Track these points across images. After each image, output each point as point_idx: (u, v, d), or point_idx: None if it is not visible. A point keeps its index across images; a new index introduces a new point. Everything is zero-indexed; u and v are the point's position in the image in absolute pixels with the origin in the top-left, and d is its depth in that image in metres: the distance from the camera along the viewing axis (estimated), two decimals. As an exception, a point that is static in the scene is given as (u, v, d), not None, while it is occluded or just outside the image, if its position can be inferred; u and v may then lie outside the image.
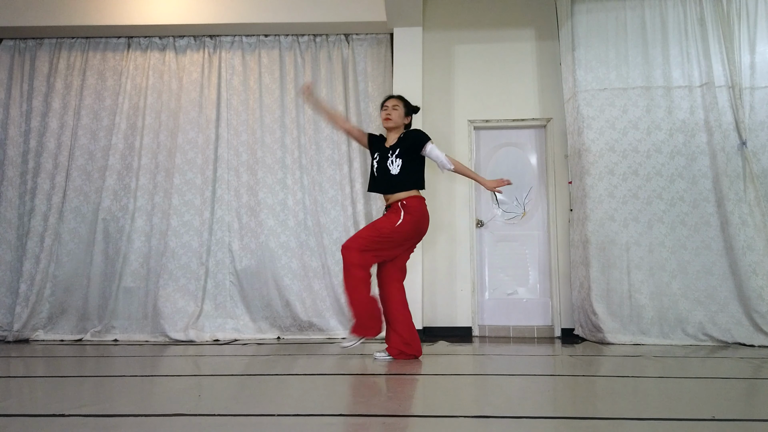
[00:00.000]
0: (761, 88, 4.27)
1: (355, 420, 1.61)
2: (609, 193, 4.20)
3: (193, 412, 1.71)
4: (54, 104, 4.78)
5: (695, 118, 4.26)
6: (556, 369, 2.81)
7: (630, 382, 2.36)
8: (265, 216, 4.57)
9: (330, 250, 4.51)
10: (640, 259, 4.10)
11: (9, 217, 4.65)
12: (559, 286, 4.51)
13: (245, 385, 2.24)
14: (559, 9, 4.64)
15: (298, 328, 4.41)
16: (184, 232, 4.54)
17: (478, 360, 3.16)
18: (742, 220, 4.03)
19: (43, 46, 4.95)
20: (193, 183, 4.62)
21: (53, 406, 1.80)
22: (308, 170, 4.65)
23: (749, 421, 1.64)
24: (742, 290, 3.96)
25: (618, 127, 4.29)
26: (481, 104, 4.78)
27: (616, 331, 4.00)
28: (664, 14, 4.44)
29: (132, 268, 4.49)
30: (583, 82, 4.38)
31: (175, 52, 4.90)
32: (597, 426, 1.56)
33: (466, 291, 4.51)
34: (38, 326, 4.42)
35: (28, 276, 4.50)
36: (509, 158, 4.80)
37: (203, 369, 2.81)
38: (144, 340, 4.28)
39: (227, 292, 4.50)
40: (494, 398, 2.00)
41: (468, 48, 4.88)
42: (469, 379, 2.50)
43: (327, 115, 3.59)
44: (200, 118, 4.75)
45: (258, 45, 4.89)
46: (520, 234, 4.70)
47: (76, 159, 4.70)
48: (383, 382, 2.37)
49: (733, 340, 3.89)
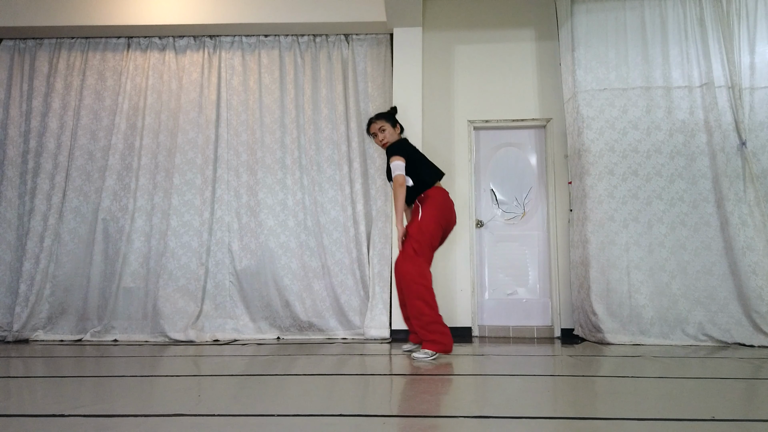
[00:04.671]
0: (761, 88, 4.27)
1: (355, 420, 1.61)
2: (609, 193, 4.20)
3: (193, 412, 1.70)
4: (54, 104, 4.78)
5: (695, 118, 4.26)
6: (556, 369, 2.81)
7: (630, 382, 2.36)
8: (264, 216, 4.57)
9: (330, 250, 4.51)
10: (639, 260, 4.10)
11: (9, 217, 4.65)
12: (558, 286, 4.51)
13: (245, 385, 2.24)
14: (559, 9, 4.64)
15: (298, 329, 4.41)
16: (184, 233, 4.54)
17: (477, 360, 3.16)
18: (741, 221, 4.03)
19: (43, 46, 4.95)
20: (192, 183, 4.63)
21: (53, 406, 1.80)
22: (308, 170, 4.65)
23: (749, 421, 1.64)
24: (741, 290, 3.96)
25: (618, 128, 4.29)
26: (481, 104, 4.78)
27: (616, 331, 4.00)
28: (664, 14, 4.45)
29: (132, 269, 4.49)
30: (583, 83, 4.38)
31: (175, 53, 4.90)
32: (597, 426, 1.56)
33: (466, 291, 4.51)
34: (38, 326, 4.42)
35: (28, 276, 4.50)
36: (509, 158, 4.80)
37: (203, 369, 2.81)
38: (144, 341, 4.28)
39: (227, 292, 4.50)
40: (494, 398, 2.00)
41: (468, 48, 4.88)
42: (469, 379, 2.50)
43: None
44: (200, 119, 4.75)
45: (258, 45, 4.89)
46: (520, 234, 4.70)
47: (76, 159, 4.70)
48: (383, 383, 2.37)
49: (732, 341, 3.90)
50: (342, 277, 4.47)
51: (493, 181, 4.78)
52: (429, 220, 3.11)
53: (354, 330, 4.37)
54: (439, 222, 3.15)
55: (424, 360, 3.03)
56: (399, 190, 3.14)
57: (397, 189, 3.14)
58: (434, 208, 3.13)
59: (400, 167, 3.18)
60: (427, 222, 3.10)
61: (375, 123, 3.41)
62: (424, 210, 3.12)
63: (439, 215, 3.15)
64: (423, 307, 3.04)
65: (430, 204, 3.15)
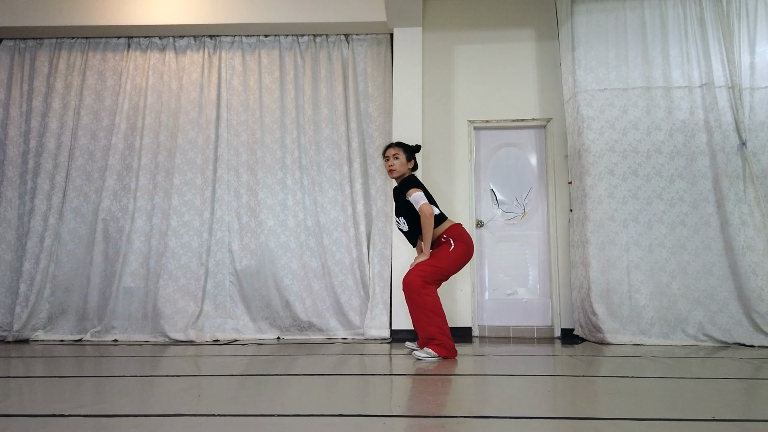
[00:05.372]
0: (761, 88, 4.27)
1: (355, 420, 1.61)
2: (609, 193, 4.20)
3: (193, 412, 1.70)
4: (54, 104, 4.78)
5: (695, 118, 4.26)
6: (556, 369, 2.81)
7: (630, 382, 2.36)
8: (264, 216, 4.57)
9: (330, 250, 4.51)
10: (639, 260, 4.10)
11: (9, 217, 4.65)
12: (559, 286, 4.51)
13: (245, 385, 2.24)
14: (559, 9, 4.65)
15: (298, 329, 4.41)
16: (184, 233, 4.54)
17: (478, 360, 3.16)
18: (741, 221, 4.03)
19: (43, 47, 4.95)
20: (192, 183, 4.62)
21: (53, 406, 1.80)
22: (308, 170, 4.65)
23: (749, 421, 1.64)
24: (741, 290, 3.96)
25: (618, 128, 4.29)
26: (481, 104, 4.78)
27: (616, 331, 4.00)
28: (664, 14, 4.44)
29: (132, 269, 4.49)
30: (583, 83, 4.38)
31: (175, 53, 4.90)
32: (597, 426, 1.56)
33: (466, 291, 4.51)
34: (38, 326, 4.42)
35: (28, 276, 4.50)
36: (509, 158, 4.80)
37: (203, 369, 2.81)
38: (144, 341, 4.28)
39: (227, 292, 4.50)
40: (494, 398, 2.00)
41: (468, 48, 4.88)
42: (469, 379, 2.50)
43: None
44: (200, 119, 4.75)
45: (258, 45, 4.89)
46: (520, 234, 4.70)
47: (76, 159, 4.70)
48: (383, 383, 2.37)
49: (732, 341, 3.89)
50: (342, 277, 4.47)
51: (493, 181, 4.78)
52: (457, 257, 3.24)
53: (354, 330, 4.37)
54: (461, 263, 3.29)
55: (425, 359, 3.03)
56: (429, 220, 3.20)
57: (426, 220, 3.20)
58: (464, 245, 3.26)
59: (421, 197, 3.25)
60: (455, 258, 3.24)
61: (393, 148, 3.46)
62: (456, 248, 3.24)
63: (465, 257, 3.29)
64: (434, 317, 3.13)
65: (460, 245, 3.25)
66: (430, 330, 3.11)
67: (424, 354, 3.08)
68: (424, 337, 3.16)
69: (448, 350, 3.11)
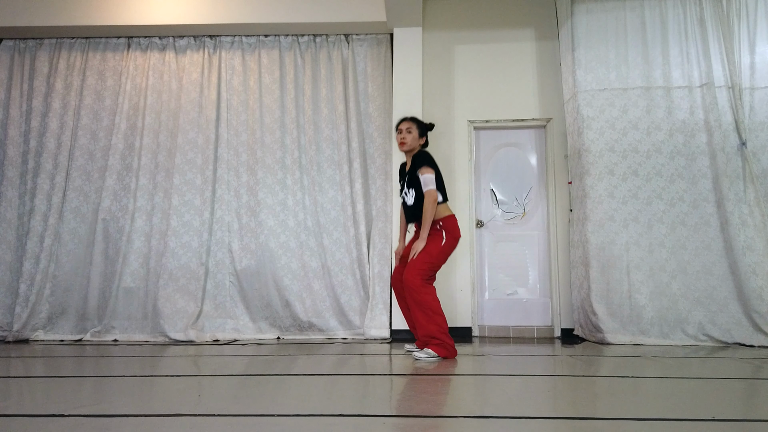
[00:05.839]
0: (761, 88, 4.27)
1: (355, 420, 1.61)
2: (609, 193, 4.20)
3: (193, 412, 1.70)
4: (54, 104, 4.78)
5: (695, 118, 4.26)
6: (556, 369, 2.81)
7: (630, 382, 2.36)
8: (264, 216, 4.57)
9: (330, 250, 4.51)
10: (639, 260, 4.10)
11: (9, 217, 4.65)
12: (558, 286, 4.51)
13: (245, 385, 2.24)
14: (559, 9, 4.64)
15: (298, 329, 4.41)
16: (184, 233, 4.54)
17: (477, 360, 3.16)
18: (741, 221, 4.03)
19: (43, 47, 4.95)
20: (192, 183, 4.62)
21: (53, 406, 1.80)
22: (308, 170, 4.65)
23: (749, 421, 1.64)
24: (741, 290, 3.96)
25: (618, 128, 4.29)
26: (481, 104, 4.78)
27: (616, 331, 4.00)
28: (664, 14, 4.44)
29: (132, 269, 4.49)
30: (583, 83, 4.38)
31: (175, 53, 4.90)
32: (597, 426, 1.56)
33: (466, 291, 4.51)
34: (38, 326, 4.42)
35: (28, 276, 4.50)
36: (509, 158, 4.80)
37: (203, 369, 2.81)
38: (144, 341, 4.28)
39: (227, 292, 4.50)
40: (494, 398, 2.00)
41: (468, 48, 4.88)
42: (469, 379, 2.50)
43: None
44: (200, 119, 4.75)
45: (258, 45, 4.89)
46: (520, 234, 4.70)
47: (76, 159, 4.70)
48: (383, 383, 2.37)
49: (732, 341, 3.89)
50: (342, 277, 4.47)
51: (493, 181, 4.78)
52: (447, 251, 3.28)
53: (354, 330, 4.37)
54: (448, 256, 3.33)
55: (425, 360, 3.03)
56: (431, 206, 3.21)
57: (429, 205, 3.21)
58: (453, 240, 3.30)
59: (431, 181, 3.25)
60: (445, 253, 3.27)
61: (407, 122, 3.46)
62: (447, 242, 3.27)
63: (452, 250, 3.32)
64: (434, 316, 3.14)
65: (451, 235, 3.29)
66: (431, 328, 3.11)
67: (424, 355, 3.08)
68: (423, 336, 3.16)
69: (447, 350, 3.11)
